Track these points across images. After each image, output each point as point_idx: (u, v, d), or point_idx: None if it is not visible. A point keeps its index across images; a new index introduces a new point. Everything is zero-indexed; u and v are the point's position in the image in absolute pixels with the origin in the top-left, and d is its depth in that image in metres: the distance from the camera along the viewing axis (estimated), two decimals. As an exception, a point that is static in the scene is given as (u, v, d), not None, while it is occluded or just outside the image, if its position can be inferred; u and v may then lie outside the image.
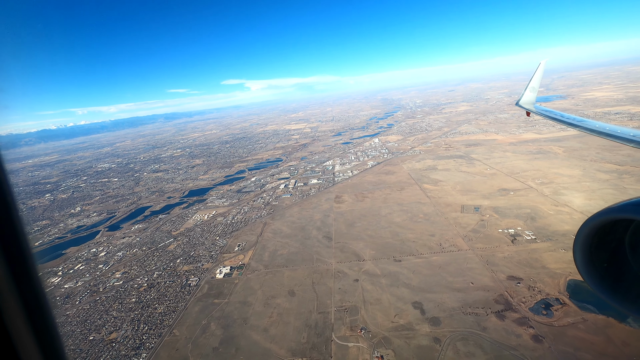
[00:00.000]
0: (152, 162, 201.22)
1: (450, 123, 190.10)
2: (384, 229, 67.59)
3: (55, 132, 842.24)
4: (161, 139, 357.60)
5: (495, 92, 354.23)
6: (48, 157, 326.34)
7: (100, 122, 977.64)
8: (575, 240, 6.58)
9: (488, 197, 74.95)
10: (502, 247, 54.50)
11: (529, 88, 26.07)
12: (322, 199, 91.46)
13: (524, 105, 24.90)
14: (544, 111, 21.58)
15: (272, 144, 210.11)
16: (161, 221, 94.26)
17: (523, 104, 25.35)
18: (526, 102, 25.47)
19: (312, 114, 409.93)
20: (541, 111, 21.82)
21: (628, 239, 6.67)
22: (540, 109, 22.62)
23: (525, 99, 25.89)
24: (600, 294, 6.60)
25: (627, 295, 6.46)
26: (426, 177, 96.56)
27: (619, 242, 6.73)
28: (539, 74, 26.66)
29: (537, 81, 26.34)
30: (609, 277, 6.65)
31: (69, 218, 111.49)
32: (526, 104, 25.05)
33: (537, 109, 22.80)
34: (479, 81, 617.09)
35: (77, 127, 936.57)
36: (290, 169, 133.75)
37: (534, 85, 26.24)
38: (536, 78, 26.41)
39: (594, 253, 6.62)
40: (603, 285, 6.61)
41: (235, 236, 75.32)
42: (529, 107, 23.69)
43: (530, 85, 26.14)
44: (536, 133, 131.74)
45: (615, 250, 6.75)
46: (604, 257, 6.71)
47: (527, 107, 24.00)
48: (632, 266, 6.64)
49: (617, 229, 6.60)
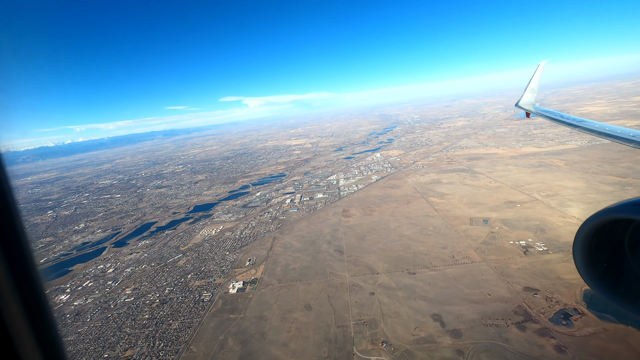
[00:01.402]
0: (154, 178, 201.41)
1: (449, 137, 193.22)
2: (394, 242, 67.99)
3: (53, 149, 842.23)
4: (161, 155, 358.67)
5: (490, 107, 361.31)
6: (47, 174, 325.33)
7: (98, 139, 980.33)
8: (574, 241, 6.63)
9: (495, 209, 75.92)
10: (515, 258, 55.04)
11: (528, 89, 26.36)
12: (329, 213, 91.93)
13: (523, 106, 24.98)
14: (544, 111, 21.74)
15: (274, 159, 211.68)
16: (168, 237, 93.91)
17: (523, 104, 25.46)
18: (526, 102, 25.70)
19: (311, 130, 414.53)
20: (541, 111, 21.96)
21: (628, 239, 6.71)
22: (540, 110, 22.79)
23: (524, 99, 26.08)
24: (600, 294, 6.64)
25: (627, 295, 6.48)
26: (432, 190, 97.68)
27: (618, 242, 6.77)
28: (538, 75, 26.88)
29: (536, 82, 26.66)
30: (608, 277, 6.68)
31: (73, 234, 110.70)
32: (526, 104, 25.27)
33: (536, 109, 22.92)
34: (473, 97, 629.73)
35: (75, 145, 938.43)
36: (295, 183, 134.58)
37: (534, 87, 26.55)
38: (535, 79, 26.69)
39: (593, 253, 6.65)
40: (603, 285, 6.65)
41: (245, 251, 75.21)
42: (529, 108, 23.84)
43: (530, 87, 26.45)
44: (536, 147, 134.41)
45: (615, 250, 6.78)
46: (604, 257, 6.73)
47: (527, 107, 24.19)
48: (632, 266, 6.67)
49: (617, 229, 6.64)
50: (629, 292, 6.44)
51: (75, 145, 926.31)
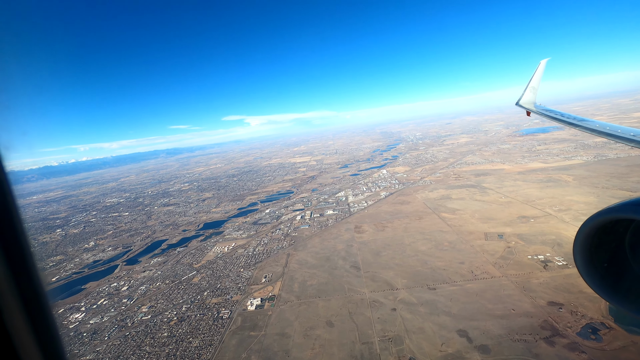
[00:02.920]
0: (161, 196, 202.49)
1: (454, 154, 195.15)
2: (411, 257, 68.05)
3: (57, 168, 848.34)
4: (166, 174, 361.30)
5: (491, 124, 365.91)
6: (53, 193, 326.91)
7: (102, 158, 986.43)
8: (575, 241, 6.64)
9: (509, 224, 76.24)
10: (536, 273, 55.02)
11: (529, 88, 26.12)
12: (341, 229, 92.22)
13: (524, 105, 24.78)
14: (545, 110, 21.49)
15: (280, 176, 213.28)
16: (180, 254, 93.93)
17: (523, 103, 25.23)
18: (526, 101, 25.44)
19: (314, 147, 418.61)
20: (541, 110, 21.74)
21: (628, 239, 6.71)
22: (541, 108, 22.65)
23: (525, 98, 25.75)
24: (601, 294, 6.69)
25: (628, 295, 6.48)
26: (442, 206, 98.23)
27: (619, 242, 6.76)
28: (539, 74, 26.78)
29: (537, 81, 26.49)
30: (609, 277, 6.67)
31: (83, 253, 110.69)
32: (526, 103, 25.05)
33: (537, 108, 22.82)
34: (473, 114, 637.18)
35: (79, 164, 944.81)
36: (303, 200, 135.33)
37: (534, 85, 26.32)
38: (536, 78, 26.56)
39: (594, 253, 6.64)
40: (603, 286, 6.64)
41: (260, 267, 75.17)
42: (529, 107, 23.76)
43: (530, 85, 26.24)
44: (542, 162, 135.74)
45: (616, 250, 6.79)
46: (604, 257, 6.73)
47: (528, 106, 24.07)
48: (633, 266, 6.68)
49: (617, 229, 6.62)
50: (629, 292, 6.49)
51: (79, 164, 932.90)
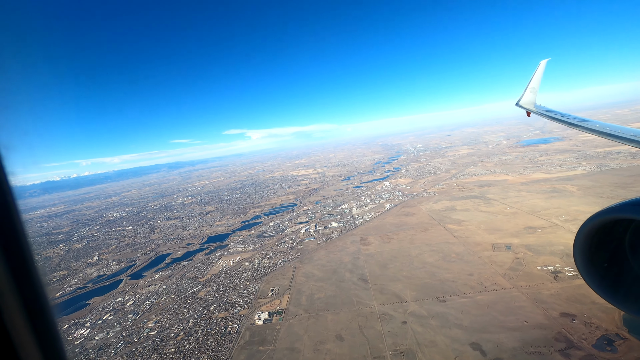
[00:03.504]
0: (164, 210, 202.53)
1: (456, 165, 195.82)
2: (418, 269, 67.63)
3: (59, 183, 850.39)
4: (168, 188, 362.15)
5: (492, 135, 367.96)
6: (55, 208, 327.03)
7: (104, 173, 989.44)
8: (575, 241, 6.67)
9: (516, 235, 75.99)
10: (546, 284, 54.57)
11: (528, 89, 26.31)
12: (347, 242, 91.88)
13: (524, 105, 24.91)
14: (545, 111, 21.72)
15: (283, 189, 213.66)
16: (185, 268, 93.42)
17: (523, 104, 25.39)
18: (526, 102, 25.59)
19: (316, 160, 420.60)
20: (541, 111, 21.95)
21: (628, 239, 6.72)
22: (541, 108, 22.85)
23: (525, 99, 25.91)
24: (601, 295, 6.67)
25: (628, 295, 6.47)
26: (447, 217, 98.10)
27: (619, 242, 6.78)
28: (539, 75, 26.96)
29: (537, 82, 26.68)
30: (609, 277, 6.67)
31: (87, 267, 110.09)
32: (526, 104, 25.24)
33: (537, 108, 23.00)
34: (473, 126, 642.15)
35: (81, 178, 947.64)
36: (307, 213, 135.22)
37: (534, 86, 26.50)
38: (536, 78, 26.77)
39: (594, 253, 6.67)
40: (603, 286, 6.63)
41: (266, 281, 74.64)
42: (529, 107, 23.95)
43: (530, 86, 26.43)
44: (545, 173, 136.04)
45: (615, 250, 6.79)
46: (604, 257, 6.74)
47: (528, 107, 24.25)
48: (633, 266, 6.67)
49: (617, 229, 6.66)
50: (629, 292, 6.48)
51: (81, 179, 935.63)
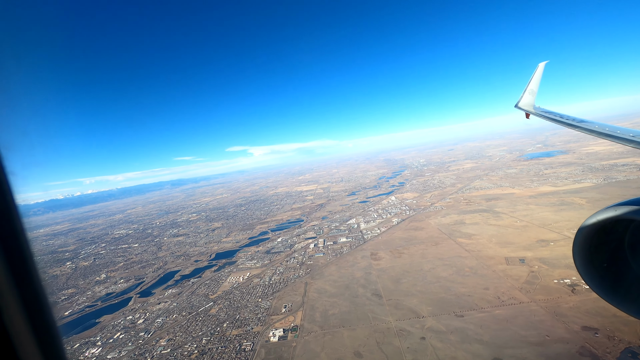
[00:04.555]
0: (170, 227, 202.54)
1: (461, 179, 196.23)
2: (432, 284, 67.10)
3: (63, 201, 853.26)
4: (173, 205, 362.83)
5: (495, 149, 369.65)
6: (60, 226, 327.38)
7: (107, 191, 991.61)
8: (574, 241, 6.65)
9: (529, 248, 75.61)
10: (564, 297, 54.04)
11: (527, 90, 26.31)
12: (357, 257, 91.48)
13: (523, 107, 24.79)
14: (544, 112, 21.84)
15: (288, 205, 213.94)
16: (194, 285, 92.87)
17: (522, 105, 25.26)
18: (525, 104, 25.48)
19: (319, 176, 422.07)
20: (541, 112, 22.05)
21: (628, 239, 6.68)
22: (540, 110, 22.92)
23: (524, 101, 25.83)
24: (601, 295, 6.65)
25: (628, 296, 6.43)
26: (457, 231, 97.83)
27: (618, 242, 6.74)
28: (538, 77, 27.06)
29: (535, 84, 26.73)
30: (608, 277, 6.65)
31: (95, 285, 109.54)
32: (525, 105, 25.16)
33: (536, 110, 23.00)
34: (474, 140, 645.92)
35: (84, 196, 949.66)
36: (315, 228, 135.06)
37: (533, 88, 26.52)
38: (535, 80, 26.82)
39: (593, 253, 6.64)
40: (603, 286, 6.60)
41: (278, 297, 74.06)
42: (528, 109, 23.94)
43: (529, 88, 26.46)
44: (552, 186, 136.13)
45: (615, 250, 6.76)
46: (604, 258, 6.71)
47: (527, 108, 24.22)
48: (632, 266, 6.64)
49: (617, 229, 6.60)
50: (629, 293, 6.45)
51: (84, 197, 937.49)
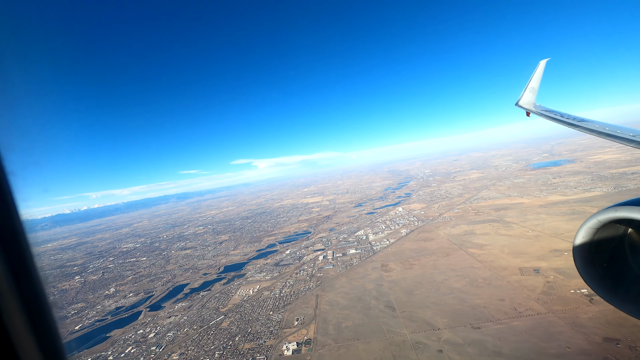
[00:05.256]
0: (177, 240, 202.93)
1: (468, 189, 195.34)
2: (446, 295, 66.32)
3: (69, 216, 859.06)
4: (179, 218, 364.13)
5: (500, 159, 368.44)
6: (67, 241, 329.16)
7: (113, 205, 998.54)
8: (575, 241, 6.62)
9: (543, 258, 74.68)
10: (583, 308, 53.12)
11: (528, 88, 26.10)
12: (367, 268, 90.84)
13: (523, 106, 24.65)
14: (544, 111, 21.78)
15: (295, 217, 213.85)
16: (204, 298, 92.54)
17: (523, 104, 25.09)
18: (526, 102, 25.29)
19: (324, 188, 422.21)
20: (541, 111, 21.98)
21: (628, 239, 6.66)
22: (540, 108, 22.81)
23: (524, 99, 25.64)
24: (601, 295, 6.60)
25: (627, 296, 6.38)
26: (468, 241, 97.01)
27: (619, 242, 6.70)
28: (539, 75, 26.83)
29: (536, 82, 26.48)
30: (608, 277, 6.57)
31: (104, 299, 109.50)
32: (526, 104, 24.98)
33: (537, 109, 22.94)
34: (479, 150, 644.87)
35: (91, 210, 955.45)
36: (323, 240, 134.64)
37: (534, 86, 26.28)
38: (535, 78, 26.57)
39: (594, 253, 6.59)
40: (603, 286, 6.54)
41: (290, 310, 73.52)
42: (529, 107, 23.76)
43: (530, 86, 26.24)
44: (561, 195, 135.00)
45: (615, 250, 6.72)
46: (604, 258, 6.66)
47: (527, 107, 24.05)
48: (632, 267, 6.60)
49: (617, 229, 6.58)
50: (629, 293, 6.41)
51: (91, 211, 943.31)
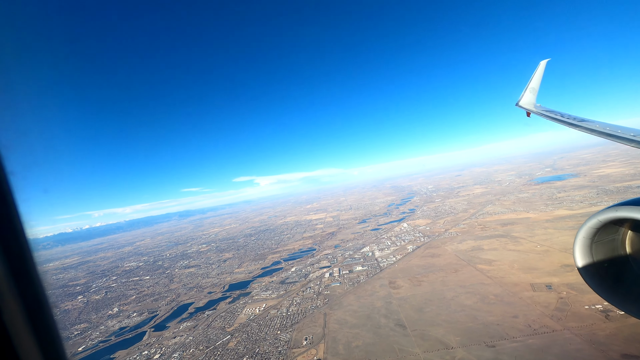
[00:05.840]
0: (181, 258, 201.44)
1: (473, 205, 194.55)
2: (457, 312, 65.16)
3: (71, 234, 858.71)
4: (181, 236, 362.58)
5: (503, 174, 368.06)
6: (69, 260, 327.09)
7: (115, 223, 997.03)
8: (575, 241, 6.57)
9: (554, 274, 73.65)
10: (599, 324, 52.02)
11: (528, 89, 26.13)
12: (375, 285, 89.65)
13: (524, 106, 24.57)
14: (545, 110, 21.81)
15: (299, 234, 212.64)
16: (209, 318, 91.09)
17: (523, 104, 24.99)
18: (526, 102, 25.26)
19: (327, 204, 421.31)
20: (541, 111, 21.98)
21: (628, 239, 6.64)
22: (541, 109, 22.81)
23: (525, 99, 25.63)
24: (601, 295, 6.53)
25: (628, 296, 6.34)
26: (476, 257, 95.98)
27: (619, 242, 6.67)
28: (539, 75, 26.93)
29: (536, 82, 26.55)
30: (609, 277, 6.53)
31: (108, 320, 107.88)
32: (526, 104, 24.88)
33: (537, 109, 22.94)
34: (481, 166, 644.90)
35: (93, 229, 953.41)
36: (328, 257, 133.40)
37: (534, 86, 26.36)
38: (536, 79, 26.65)
39: (594, 253, 6.54)
40: (603, 286, 6.50)
41: (298, 329, 72.21)
42: (529, 108, 23.69)
43: (530, 86, 26.30)
44: (568, 209, 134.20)
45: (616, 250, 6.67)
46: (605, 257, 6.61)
47: (527, 107, 23.98)
48: (633, 266, 6.56)
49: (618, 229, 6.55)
50: (629, 293, 6.38)
51: (93, 229, 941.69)
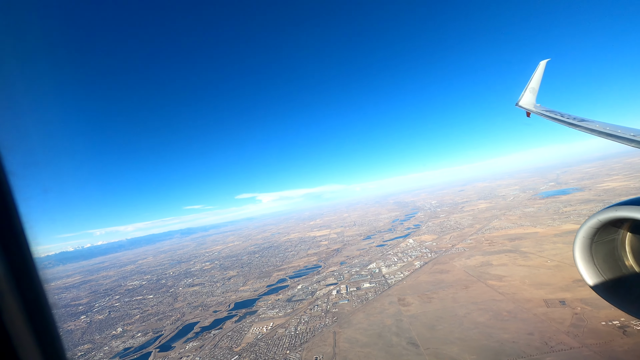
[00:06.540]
0: (184, 277, 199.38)
1: (479, 220, 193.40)
2: (471, 330, 63.94)
3: (73, 253, 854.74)
4: (184, 254, 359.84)
5: (506, 189, 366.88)
6: (71, 279, 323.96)
7: (117, 242, 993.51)
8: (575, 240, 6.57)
9: (567, 289, 72.56)
10: (617, 340, 50.92)
11: (528, 89, 26.05)
12: (384, 303, 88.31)
13: (524, 106, 24.43)
14: (545, 110, 21.78)
15: (303, 251, 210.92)
16: (216, 337, 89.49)
17: (523, 104, 24.85)
18: (526, 102, 25.14)
19: (330, 221, 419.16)
20: (541, 111, 21.95)
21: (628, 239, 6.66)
22: (541, 109, 22.76)
23: (525, 99, 25.53)
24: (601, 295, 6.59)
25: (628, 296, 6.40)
26: (486, 273, 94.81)
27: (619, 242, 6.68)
28: (539, 75, 26.86)
29: (536, 82, 26.50)
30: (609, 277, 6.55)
31: (112, 340, 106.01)
32: (526, 104, 24.75)
33: (537, 109, 22.90)
34: (484, 180, 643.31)
35: (94, 248, 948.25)
36: (334, 274, 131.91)
37: (534, 86, 26.30)
38: (535, 79, 26.57)
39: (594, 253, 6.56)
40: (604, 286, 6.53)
41: (307, 348, 70.81)
42: (529, 107, 23.57)
43: (530, 86, 26.24)
44: (575, 223, 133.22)
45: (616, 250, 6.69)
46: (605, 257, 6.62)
47: (527, 107, 23.86)
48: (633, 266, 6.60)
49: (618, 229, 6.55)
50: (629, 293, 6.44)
51: (94, 248, 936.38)
